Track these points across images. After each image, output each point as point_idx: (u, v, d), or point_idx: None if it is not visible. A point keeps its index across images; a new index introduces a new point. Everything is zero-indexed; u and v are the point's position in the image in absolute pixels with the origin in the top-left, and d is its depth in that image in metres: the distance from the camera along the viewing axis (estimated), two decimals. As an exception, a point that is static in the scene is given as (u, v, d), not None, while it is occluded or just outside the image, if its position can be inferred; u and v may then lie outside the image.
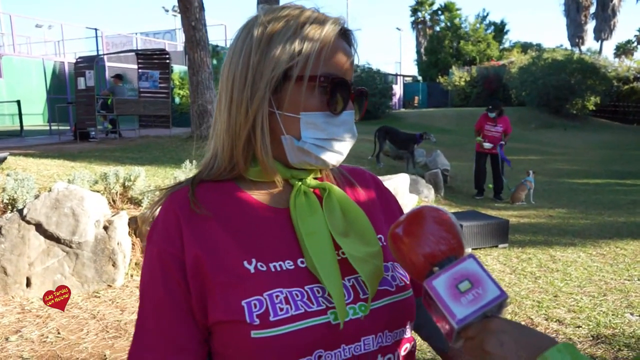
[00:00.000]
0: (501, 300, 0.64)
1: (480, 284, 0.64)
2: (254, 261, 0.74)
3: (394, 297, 0.79)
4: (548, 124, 23.05)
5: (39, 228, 3.81)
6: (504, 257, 5.26)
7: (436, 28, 42.26)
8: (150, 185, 4.95)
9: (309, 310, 0.71)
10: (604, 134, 22.23)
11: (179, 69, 18.68)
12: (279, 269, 0.74)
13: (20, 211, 3.85)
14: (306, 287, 0.74)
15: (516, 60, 29.20)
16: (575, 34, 37.73)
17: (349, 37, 0.81)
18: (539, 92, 23.99)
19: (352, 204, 0.84)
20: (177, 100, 18.11)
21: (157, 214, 0.80)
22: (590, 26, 38.00)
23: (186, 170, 5.03)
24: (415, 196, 7.33)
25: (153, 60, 11.85)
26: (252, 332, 0.69)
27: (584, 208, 8.37)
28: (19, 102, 13.17)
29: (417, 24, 43.74)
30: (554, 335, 3.37)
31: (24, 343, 3.07)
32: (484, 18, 41.43)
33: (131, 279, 4.10)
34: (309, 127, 0.77)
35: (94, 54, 17.19)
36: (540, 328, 3.46)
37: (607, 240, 5.99)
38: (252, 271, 0.73)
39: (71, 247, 3.86)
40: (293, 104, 0.76)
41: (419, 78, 40.34)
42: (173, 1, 34.09)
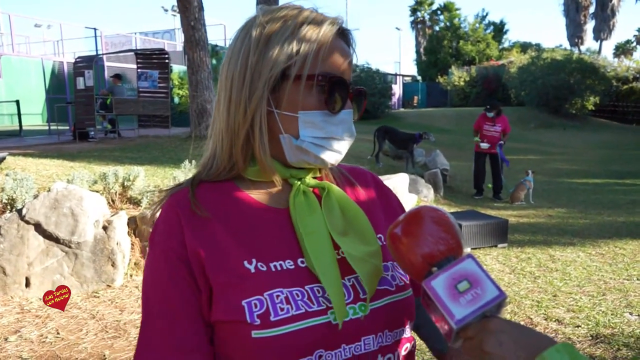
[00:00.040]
0: (500, 300, 0.64)
1: (479, 284, 0.64)
2: (254, 261, 0.74)
3: (394, 296, 0.79)
4: (547, 124, 23.07)
5: (38, 228, 3.80)
6: (503, 257, 5.26)
7: (435, 28, 42.27)
8: (149, 185, 4.94)
9: (309, 310, 0.71)
10: (603, 133, 22.26)
11: (178, 68, 18.69)
12: (279, 268, 0.74)
13: (20, 211, 3.85)
14: (306, 286, 0.74)
15: (515, 60, 29.23)
16: (575, 33, 37.76)
17: (347, 36, 0.81)
18: (538, 92, 24.01)
19: (351, 203, 0.83)
20: (177, 100, 18.11)
21: (158, 215, 0.80)
22: (590, 26, 38.07)
23: (185, 170, 5.02)
24: (415, 196, 7.33)
25: (152, 60, 11.85)
26: (253, 332, 0.69)
27: (583, 208, 8.37)
28: (18, 102, 13.15)
29: (416, 24, 43.76)
30: (553, 334, 3.37)
31: (23, 343, 3.07)
32: (483, 18, 41.46)
33: (130, 279, 4.09)
34: (307, 126, 0.77)
35: (93, 53, 17.18)
36: (539, 328, 3.47)
37: (606, 240, 5.99)
38: (252, 271, 0.73)
39: (70, 247, 3.86)
40: (291, 103, 0.76)
41: (418, 78, 40.36)
42: (172, 1, 34.09)
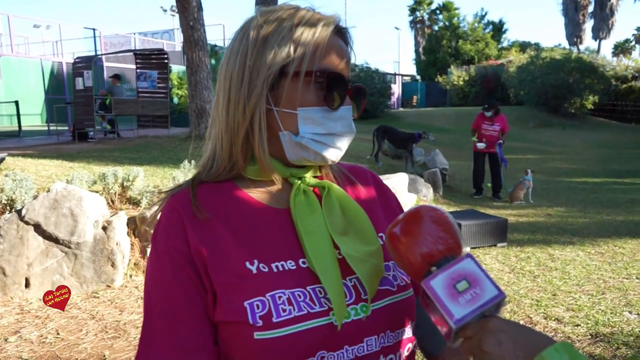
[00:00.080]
0: (499, 299, 0.64)
1: (478, 283, 0.64)
2: (256, 262, 0.74)
3: (396, 297, 0.79)
4: (546, 123, 23.08)
5: (38, 228, 3.80)
6: (503, 256, 5.26)
7: (434, 27, 42.27)
8: (148, 186, 4.94)
9: (311, 311, 0.71)
10: (602, 132, 22.28)
11: (177, 68, 18.67)
12: (280, 269, 0.74)
13: (19, 212, 3.85)
14: (308, 287, 0.73)
15: (514, 60, 29.24)
16: (574, 33, 37.78)
17: (344, 35, 0.81)
18: (537, 91, 24.03)
19: (351, 202, 0.83)
20: (176, 100, 18.10)
21: (159, 216, 0.80)
22: (589, 25, 38.09)
23: (185, 170, 5.02)
24: (414, 195, 7.33)
25: (151, 60, 11.84)
26: (255, 333, 0.69)
27: (582, 207, 8.38)
28: (17, 103, 13.12)
29: (415, 24, 43.76)
30: (552, 333, 3.37)
31: (23, 344, 3.07)
32: (482, 17, 41.49)
33: (130, 279, 4.09)
34: (306, 122, 0.77)
35: (92, 54, 17.19)
36: (539, 327, 3.47)
37: (606, 239, 5.99)
38: (254, 272, 0.73)
39: (70, 247, 3.86)
40: (290, 100, 0.76)
41: (418, 77, 40.39)
42: (171, 1, 34.02)
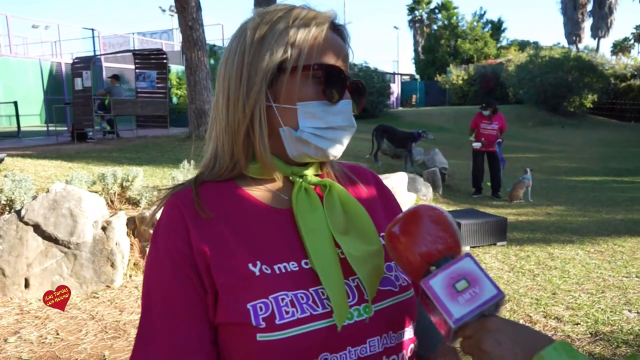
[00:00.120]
0: (498, 299, 0.64)
1: (477, 283, 0.64)
2: (258, 263, 0.73)
3: (398, 297, 0.79)
4: (546, 122, 23.09)
5: (37, 229, 3.80)
6: (502, 255, 5.26)
7: (433, 26, 42.26)
8: (148, 186, 4.94)
9: (314, 313, 0.71)
10: (601, 131, 22.28)
11: (176, 68, 18.66)
12: (283, 270, 0.74)
13: (18, 212, 3.85)
14: (311, 289, 0.73)
15: (513, 59, 29.22)
16: (573, 31, 37.78)
17: (341, 31, 0.81)
18: (536, 90, 24.03)
19: (353, 200, 0.83)
20: (175, 100, 18.08)
21: (160, 214, 0.79)
22: (588, 24, 38.11)
23: (184, 170, 5.02)
24: (414, 194, 7.33)
25: (150, 60, 11.84)
26: (258, 335, 0.68)
27: (582, 205, 8.38)
28: (16, 103, 13.11)
29: (414, 23, 43.77)
30: (552, 332, 3.38)
31: (23, 344, 3.07)
32: (481, 16, 41.45)
33: (130, 279, 4.09)
34: (306, 116, 0.77)
35: (91, 54, 17.17)
36: (538, 325, 3.47)
37: (605, 238, 6.00)
38: (257, 274, 0.72)
39: (69, 247, 3.86)
40: (289, 96, 0.76)
41: (417, 76, 40.37)
42: (170, 1, 34.01)
